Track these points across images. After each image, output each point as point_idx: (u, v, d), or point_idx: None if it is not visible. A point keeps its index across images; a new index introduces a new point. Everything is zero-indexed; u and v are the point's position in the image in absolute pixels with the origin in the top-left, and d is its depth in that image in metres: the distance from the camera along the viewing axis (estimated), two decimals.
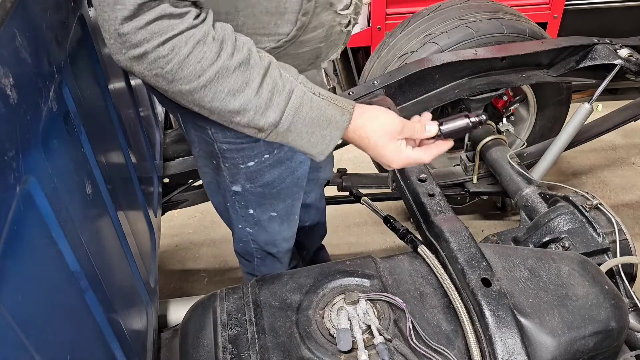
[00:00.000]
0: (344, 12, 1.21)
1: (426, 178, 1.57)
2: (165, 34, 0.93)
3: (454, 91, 2.14)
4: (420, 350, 1.16)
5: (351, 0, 1.23)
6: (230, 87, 1.01)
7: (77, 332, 0.92)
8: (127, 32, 0.91)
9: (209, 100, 1.01)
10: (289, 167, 1.42)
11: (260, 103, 1.04)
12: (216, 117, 1.07)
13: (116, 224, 1.25)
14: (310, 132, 1.10)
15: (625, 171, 3.23)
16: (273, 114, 1.05)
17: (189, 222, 2.99)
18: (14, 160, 0.75)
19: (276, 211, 1.53)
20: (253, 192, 1.43)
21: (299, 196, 1.57)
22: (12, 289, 0.70)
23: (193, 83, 0.98)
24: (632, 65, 2.13)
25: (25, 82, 0.84)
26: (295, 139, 1.11)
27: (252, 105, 1.03)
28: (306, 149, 1.13)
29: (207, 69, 0.98)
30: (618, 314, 1.26)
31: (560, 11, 3.25)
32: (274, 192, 1.46)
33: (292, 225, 1.64)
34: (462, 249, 1.30)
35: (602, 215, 1.71)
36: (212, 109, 1.03)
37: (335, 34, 1.26)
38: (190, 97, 1.01)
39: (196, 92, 1.00)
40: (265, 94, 1.04)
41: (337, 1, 1.18)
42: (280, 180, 1.43)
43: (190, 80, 0.98)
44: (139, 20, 0.91)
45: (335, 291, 1.31)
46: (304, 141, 1.12)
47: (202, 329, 1.31)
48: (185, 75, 0.97)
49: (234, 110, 1.03)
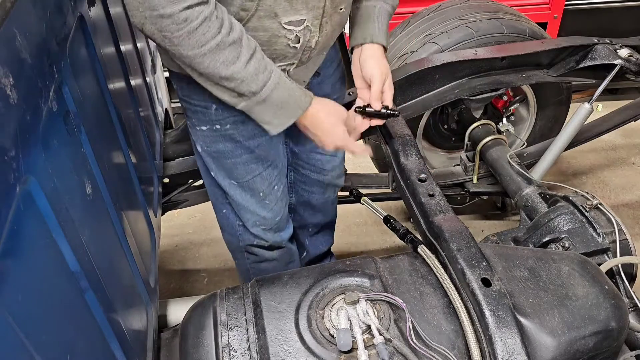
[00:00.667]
0: (289, 26, 1.32)
1: (426, 178, 1.57)
2: (181, 3, 1.12)
3: (454, 91, 2.14)
4: (420, 350, 1.16)
5: (303, 21, 1.33)
6: (225, 58, 1.22)
7: (77, 332, 0.92)
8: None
9: (205, 66, 1.22)
10: (243, 146, 1.53)
11: (246, 75, 1.25)
12: (203, 79, 1.27)
13: (116, 224, 1.25)
14: (277, 107, 1.33)
15: (625, 171, 3.23)
16: (254, 85, 1.27)
17: (189, 222, 2.99)
18: (14, 160, 0.75)
19: (236, 181, 1.62)
20: (210, 154, 1.59)
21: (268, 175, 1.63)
22: (12, 289, 0.70)
23: (195, 50, 1.19)
24: (632, 65, 2.13)
25: (25, 82, 0.84)
26: (262, 111, 1.33)
27: (239, 75, 1.25)
28: (267, 121, 1.36)
29: (209, 41, 1.18)
30: (618, 314, 1.26)
31: (560, 11, 3.26)
32: (229, 163, 1.57)
33: (258, 200, 1.67)
34: (462, 249, 1.30)
35: (602, 215, 1.71)
36: (205, 72, 1.24)
37: (280, 45, 1.36)
38: (189, 60, 1.21)
39: (196, 57, 1.20)
40: (251, 69, 1.25)
41: (282, 13, 1.29)
42: (235, 155, 1.55)
43: (193, 48, 1.18)
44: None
45: (335, 291, 1.31)
46: (269, 114, 1.34)
47: (202, 329, 1.31)
48: (190, 43, 1.17)
49: (223, 76, 1.24)
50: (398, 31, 2.51)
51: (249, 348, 1.24)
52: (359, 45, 1.55)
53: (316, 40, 1.40)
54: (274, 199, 1.69)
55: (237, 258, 1.92)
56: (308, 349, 1.19)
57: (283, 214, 1.77)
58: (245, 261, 1.88)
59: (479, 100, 2.25)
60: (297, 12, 1.30)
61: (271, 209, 1.70)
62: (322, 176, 1.90)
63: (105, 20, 1.54)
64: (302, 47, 1.38)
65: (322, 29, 1.39)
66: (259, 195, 1.66)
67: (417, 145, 1.71)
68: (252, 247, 1.81)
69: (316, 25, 1.36)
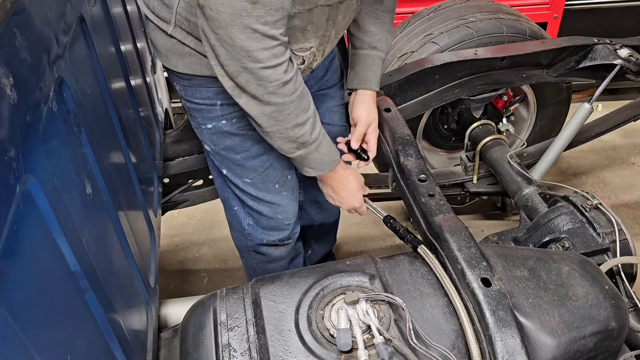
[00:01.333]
0: (298, 52, 1.42)
1: (426, 178, 1.57)
2: (283, 57, 1.23)
3: (454, 91, 2.14)
4: (420, 350, 1.16)
5: (310, 47, 1.43)
6: (303, 105, 1.33)
7: (77, 332, 0.92)
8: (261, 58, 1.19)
9: (287, 113, 1.30)
10: (250, 137, 1.55)
11: (314, 120, 1.38)
12: (276, 130, 1.34)
13: (116, 224, 1.25)
14: (323, 155, 1.45)
15: (625, 171, 3.23)
16: (316, 131, 1.40)
17: (189, 222, 2.99)
18: (14, 160, 0.75)
19: (249, 177, 1.64)
20: (219, 153, 1.62)
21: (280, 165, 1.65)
22: (12, 289, 0.70)
23: (285, 98, 1.28)
24: (632, 65, 2.13)
25: (25, 82, 0.84)
26: (313, 159, 1.45)
27: (310, 120, 1.36)
28: (312, 167, 1.48)
29: (297, 89, 1.29)
30: (618, 314, 1.26)
31: (560, 11, 3.25)
32: (239, 158, 1.59)
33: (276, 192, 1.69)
34: (462, 249, 1.30)
35: (602, 215, 1.71)
36: (283, 120, 1.31)
37: None
38: (272, 109, 1.29)
39: (283, 105, 1.29)
40: (316, 113, 1.39)
41: (294, 41, 1.38)
42: (243, 148, 1.57)
43: (285, 96, 1.27)
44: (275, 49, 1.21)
45: (335, 291, 1.31)
46: (316, 162, 1.46)
47: (202, 329, 1.31)
48: (283, 91, 1.26)
49: (299, 123, 1.34)
50: (398, 31, 2.51)
51: (249, 348, 1.24)
52: (355, 90, 1.73)
53: (317, 63, 1.53)
54: (290, 188, 1.71)
55: (244, 257, 1.93)
56: (308, 349, 1.19)
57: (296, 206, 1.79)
58: (252, 261, 1.89)
59: (479, 100, 2.25)
60: (307, 40, 1.40)
61: (289, 198, 1.73)
62: None
63: (105, 20, 1.54)
64: (305, 68, 1.49)
65: (324, 53, 1.52)
66: (275, 188, 1.68)
67: (417, 145, 1.71)
68: (261, 247, 1.82)
69: (320, 50, 1.49)
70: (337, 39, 1.55)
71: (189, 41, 1.41)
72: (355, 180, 1.61)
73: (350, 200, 1.61)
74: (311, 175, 1.52)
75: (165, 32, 1.42)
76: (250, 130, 1.53)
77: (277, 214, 1.73)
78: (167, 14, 1.40)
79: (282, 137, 1.37)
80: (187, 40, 1.41)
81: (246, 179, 1.63)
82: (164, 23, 1.42)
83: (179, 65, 1.46)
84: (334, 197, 1.62)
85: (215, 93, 1.46)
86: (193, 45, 1.40)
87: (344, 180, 1.57)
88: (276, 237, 1.79)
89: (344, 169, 1.57)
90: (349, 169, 1.60)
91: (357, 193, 1.62)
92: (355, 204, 1.63)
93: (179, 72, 1.47)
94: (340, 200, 1.62)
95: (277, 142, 1.39)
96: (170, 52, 1.46)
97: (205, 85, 1.46)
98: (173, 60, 1.46)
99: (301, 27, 1.35)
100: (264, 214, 1.72)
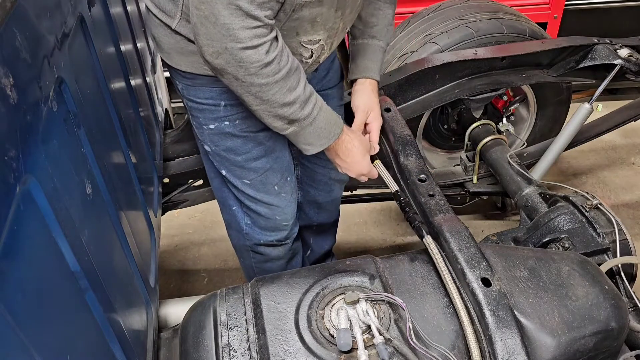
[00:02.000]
0: (307, 45, 1.41)
1: (426, 178, 1.57)
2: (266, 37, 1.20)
3: (454, 91, 2.14)
4: (420, 350, 1.16)
5: (319, 40, 1.42)
6: (290, 84, 1.28)
7: (77, 332, 0.92)
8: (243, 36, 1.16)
9: (272, 93, 1.27)
10: (252, 139, 1.54)
11: (304, 99, 1.32)
12: (262, 107, 1.30)
13: (116, 224, 1.25)
14: (321, 129, 1.40)
15: (625, 171, 3.23)
16: (308, 108, 1.34)
17: (189, 222, 2.99)
18: (14, 160, 0.75)
19: (249, 179, 1.63)
20: (219, 154, 1.60)
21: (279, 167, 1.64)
22: (12, 289, 0.70)
23: (269, 78, 1.24)
24: (632, 65, 2.13)
25: (25, 82, 0.84)
26: (308, 134, 1.39)
27: (299, 99, 1.31)
28: (309, 142, 1.41)
29: (282, 69, 1.25)
30: (618, 314, 1.26)
31: (560, 11, 3.25)
32: (240, 160, 1.58)
33: (275, 194, 1.68)
34: (462, 249, 1.30)
35: (602, 215, 1.71)
36: (269, 100, 1.28)
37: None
38: (257, 89, 1.25)
39: (267, 85, 1.25)
40: (307, 91, 1.33)
41: (303, 33, 1.37)
42: (245, 150, 1.56)
43: (268, 76, 1.24)
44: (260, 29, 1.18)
45: (335, 291, 1.31)
46: (313, 136, 1.40)
47: (202, 329, 1.31)
48: (265, 72, 1.23)
49: (286, 102, 1.29)
50: (398, 31, 2.51)
51: (249, 348, 1.24)
52: (355, 80, 1.70)
53: (325, 56, 1.51)
54: (289, 190, 1.71)
55: (242, 257, 1.93)
56: (308, 349, 1.19)
57: (295, 208, 1.79)
58: (250, 260, 1.88)
59: (479, 100, 2.25)
60: (316, 32, 1.39)
61: (288, 200, 1.72)
62: (327, 170, 1.90)
63: (105, 20, 1.54)
64: (313, 61, 1.48)
65: (331, 46, 1.51)
66: (274, 190, 1.67)
67: (417, 145, 1.71)
68: (259, 247, 1.82)
69: (328, 43, 1.47)
70: (344, 32, 1.54)
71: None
72: (361, 145, 1.54)
73: (356, 166, 1.55)
74: (310, 153, 1.46)
75: (170, 28, 1.41)
76: (253, 133, 1.53)
77: (276, 215, 1.73)
78: (173, 6, 1.39)
79: (271, 115, 1.33)
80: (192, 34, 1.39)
81: (246, 180, 1.63)
82: (168, 17, 1.41)
83: (182, 63, 1.45)
84: (341, 164, 1.55)
85: (218, 93, 1.46)
86: None
87: (348, 145, 1.50)
88: (274, 237, 1.79)
89: (347, 133, 1.50)
90: (353, 134, 1.53)
91: (364, 158, 1.55)
92: (363, 170, 1.56)
93: (182, 71, 1.46)
94: (347, 168, 1.56)
95: (266, 119, 1.35)
96: (174, 50, 1.45)
97: (209, 85, 1.45)
98: (176, 59, 1.46)
99: (310, 19, 1.34)
100: (262, 215, 1.72)
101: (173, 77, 1.55)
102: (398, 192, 1.56)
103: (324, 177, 1.93)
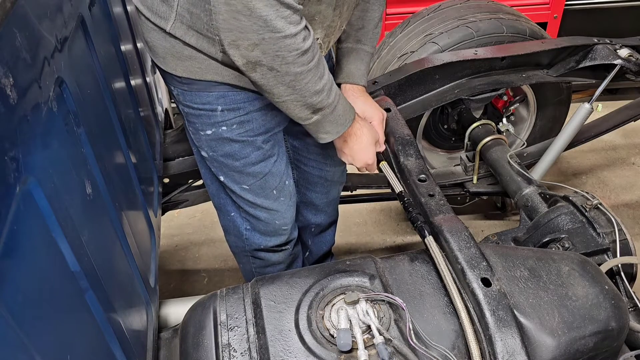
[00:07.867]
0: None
1: (426, 178, 1.57)
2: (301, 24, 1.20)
3: (454, 91, 2.14)
4: (420, 350, 1.16)
5: (317, 39, 1.40)
6: (320, 72, 1.30)
7: (77, 332, 0.92)
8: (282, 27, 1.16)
9: (306, 82, 1.27)
10: (250, 144, 1.53)
11: (329, 85, 1.34)
12: (293, 98, 1.30)
13: (116, 224, 1.25)
14: (339, 116, 1.41)
15: (625, 171, 3.23)
16: (332, 95, 1.36)
17: (189, 222, 2.99)
18: (14, 160, 0.75)
19: (247, 184, 1.62)
20: (217, 159, 1.58)
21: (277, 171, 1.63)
22: (12, 289, 0.70)
23: (303, 67, 1.24)
24: (632, 65, 2.13)
25: (25, 82, 0.84)
26: (329, 122, 1.40)
27: (326, 87, 1.33)
28: (327, 131, 1.43)
29: (315, 57, 1.26)
30: (618, 314, 1.26)
31: (560, 11, 3.25)
32: (238, 165, 1.56)
33: (274, 198, 1.67)
34: (462, 249, 1.30)
35: (602, 215, 1.71)
36: (301, 88, 1.28)
37: None
38: (291, 77, 1.25)
39: (302, 74, 1.25)
40: (331, 78, 1.35)
41: None
42: (243, 155, 1.55)
43: (303, 64, 1.24)
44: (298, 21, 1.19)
45: (335, 291, 1.31)
46: (332, 125, 1.42)
47: (202, 329, 1.31)
48: (301, 60, 1.23)
49: (316, 90, 1.31)
50: (398, 31, 2.51)
51: (249, 348, 1.24)
52: (339, 84, 1.67)
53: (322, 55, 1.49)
54: (287, 194, 1.70)
55: (241, 262, 1.92)
56: (308, 349, 1.19)
57: (294, 212, 1.78)
58: (250, 265, 1.88)
59: (479, 100, 2.25)
60: (314, 30, 1.36)
61: (287, 204, 1.72)
62: (323, 172, 1.90)
63: (105, 21, 1.54)
64: None
65: (329, 44, 1.51)
66: (272, 194, 1.66)
67: (417, 145, 1.71)
68: (259, 252, 1.81)
69: (326, 42, 1.47)
70: (340, 31, 1.54)
71: (189, 38, 1.35)
72: (369, 133, 1.54)
73: (362, 154, 1.54)
74: (326, 141, 1.46)
75: (164, 31, 1.37)
76: (251, 137, 1.52)
77: (275, 220, 1.72)
78: (167, 7, 1.34)
79: (300, 104, 1.32)
80: (188, 36, 1.35)
81: (244, 185, 1.62)
82: (162, 20, 1.36)
83: (177, 68, 1.42)
84: (348, 152, 1.54)
85: (215, 98, 1.43)
86: (194, 42, 1.35)
87: (357, 132, 1.50)
88: (274, 242, 1.78)
89: (358, 120, 1.50)
90: (363, 121, 1.54)
91: (370, 147, 1.55)
92: (368, 160, 1.56)
93: (178, 76, 1.43)
94: (352, 155, 1.55)
95: (293, 110, 1.34)
96: (169, 55, 1.41)
97: (206, 90, 1.43)
98: (172, 64, 1.42)
99: (309, 17, 1.33)
100: (262, 220, 1.71)
101: (168, 83, 1.51)
102: (402, 193, 1.56)
103: (320, 179, 1.92)
